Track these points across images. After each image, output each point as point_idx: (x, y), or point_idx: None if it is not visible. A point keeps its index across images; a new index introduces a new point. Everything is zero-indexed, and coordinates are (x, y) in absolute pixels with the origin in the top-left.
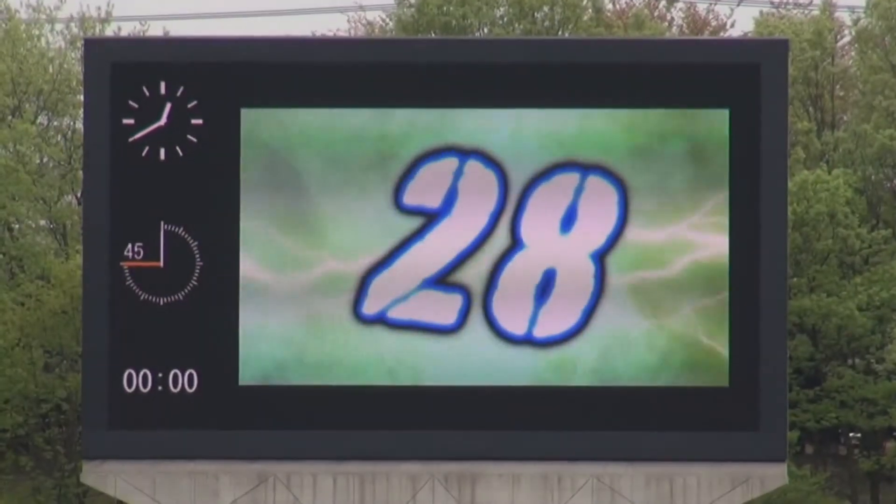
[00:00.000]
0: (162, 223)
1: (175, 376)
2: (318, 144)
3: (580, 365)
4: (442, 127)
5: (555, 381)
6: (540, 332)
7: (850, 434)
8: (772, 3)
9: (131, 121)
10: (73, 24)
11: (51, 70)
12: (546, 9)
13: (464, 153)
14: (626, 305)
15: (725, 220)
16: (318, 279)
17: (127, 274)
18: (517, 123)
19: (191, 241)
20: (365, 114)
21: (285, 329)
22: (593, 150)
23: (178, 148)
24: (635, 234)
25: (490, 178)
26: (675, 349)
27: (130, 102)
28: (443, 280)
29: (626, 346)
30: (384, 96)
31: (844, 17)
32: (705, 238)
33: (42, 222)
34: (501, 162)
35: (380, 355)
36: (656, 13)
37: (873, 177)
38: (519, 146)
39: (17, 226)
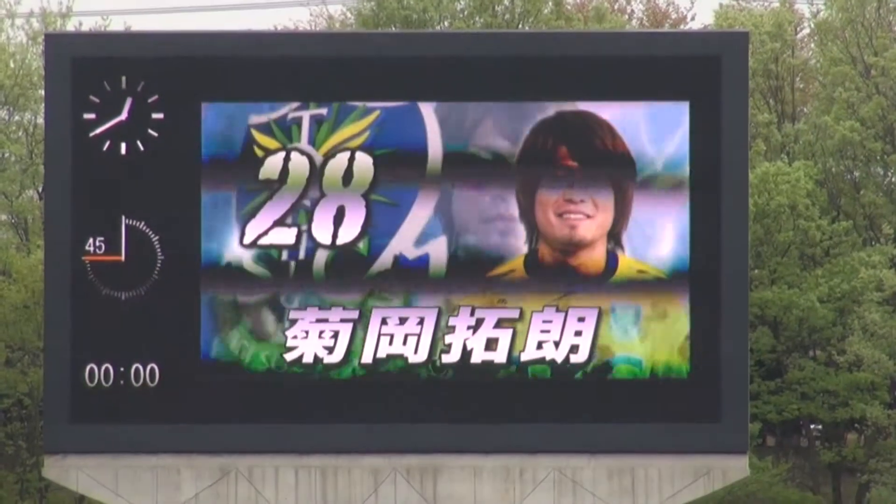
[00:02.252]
0: (123, 218)
1: (136, 370)
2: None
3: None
4: (397, 120)
5: (516, 374)
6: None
7: (812, 426)
8: None
9: (92, 115)
10: (33, 19)
11: (12, 65)
12: (506, 2)
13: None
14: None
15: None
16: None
17: (88, 268)
18: (477, 116)
19: (152, 236)
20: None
21: (246, 322)
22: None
23: (139, 142)
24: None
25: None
26: (638, 342)
27: (91, 97)
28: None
29: (588, 340)
30: (344, 90)
31: (804, 9)
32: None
33: (3, 217)
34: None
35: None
36: (616, 6)
37: (834, 169)
38: (479, 141)
39: None
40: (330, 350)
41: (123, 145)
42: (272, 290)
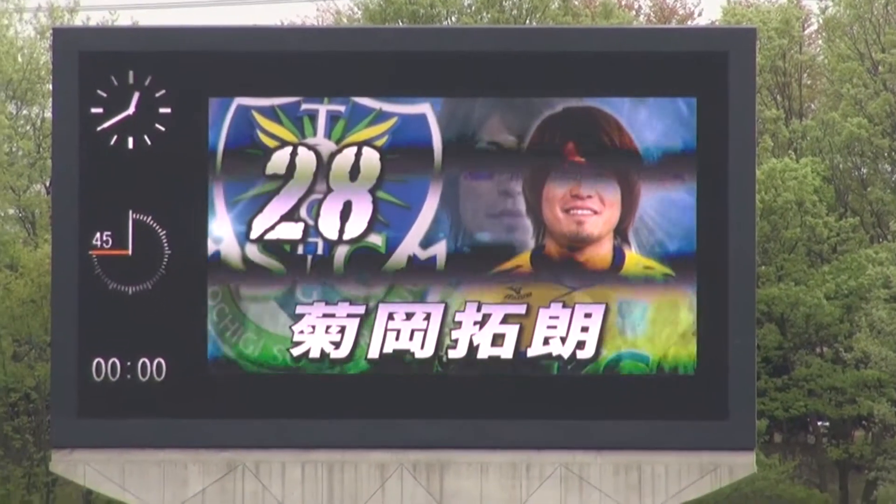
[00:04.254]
0: (130, 212)
1: (143, 365)
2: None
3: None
4: (410, 122)
5: (523, 370)
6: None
7: (819, 423)
8: None
9: (100, 110)
10: (41, 14)
11: (20, 59)
12: None
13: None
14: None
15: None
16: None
17: (95, 263)
18: (484, 112)
19: (159, 230)
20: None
21: (252, 317)
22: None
23: (146, 137)
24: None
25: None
26: (645, 338)
27: (99, 91)
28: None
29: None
30: (352, 84)
31: (812, 5)
32: None
33: (11, 211)
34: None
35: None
36: (624, 2)
37: (841, 165)
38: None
39: None
40: (336, 345)
41: (131, 140)
42: (278, 284)
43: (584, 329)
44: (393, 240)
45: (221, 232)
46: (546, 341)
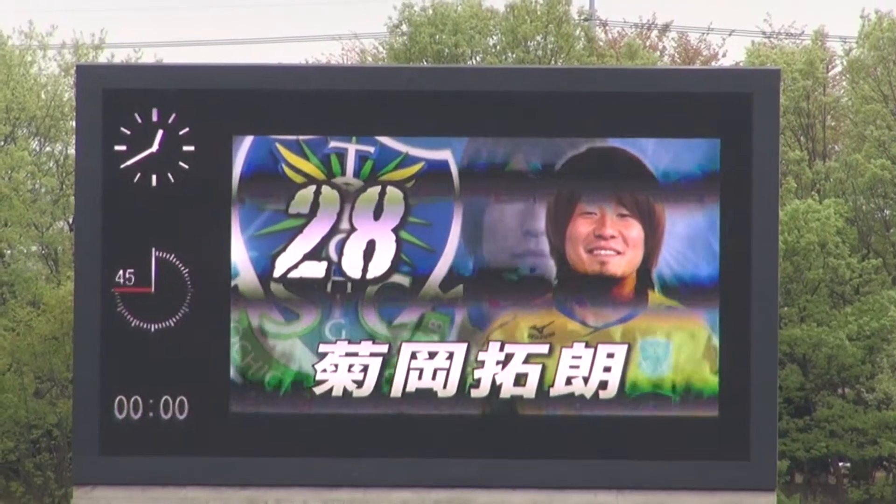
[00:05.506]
0: (153, 249)
1: (166, 402)
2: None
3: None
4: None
5: (545, 409)
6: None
7: (840, 463)
8: (763, 32)
9: (123, 147)
10: (65, 51)
11: (43, 96)
12: (539, 38)
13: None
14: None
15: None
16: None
17: (118, 300)
18: (508, 151)
19: (182, 268)
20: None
21: (275, 355)
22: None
23: (169, 174)
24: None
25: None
26: (667, 379)
27: (122, 129)
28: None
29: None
30: (376, 124)
31: (836, 47)
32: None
33: (34, 248)
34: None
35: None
36: (648, 42)
37: (864, 207)
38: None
39: (8, 251)
40: (359, 384)
41: (154, 177)
42: (301, 323)
43: (607, 369)
44: (416, 280)
45: (244, 269)
46: (569, 381)
